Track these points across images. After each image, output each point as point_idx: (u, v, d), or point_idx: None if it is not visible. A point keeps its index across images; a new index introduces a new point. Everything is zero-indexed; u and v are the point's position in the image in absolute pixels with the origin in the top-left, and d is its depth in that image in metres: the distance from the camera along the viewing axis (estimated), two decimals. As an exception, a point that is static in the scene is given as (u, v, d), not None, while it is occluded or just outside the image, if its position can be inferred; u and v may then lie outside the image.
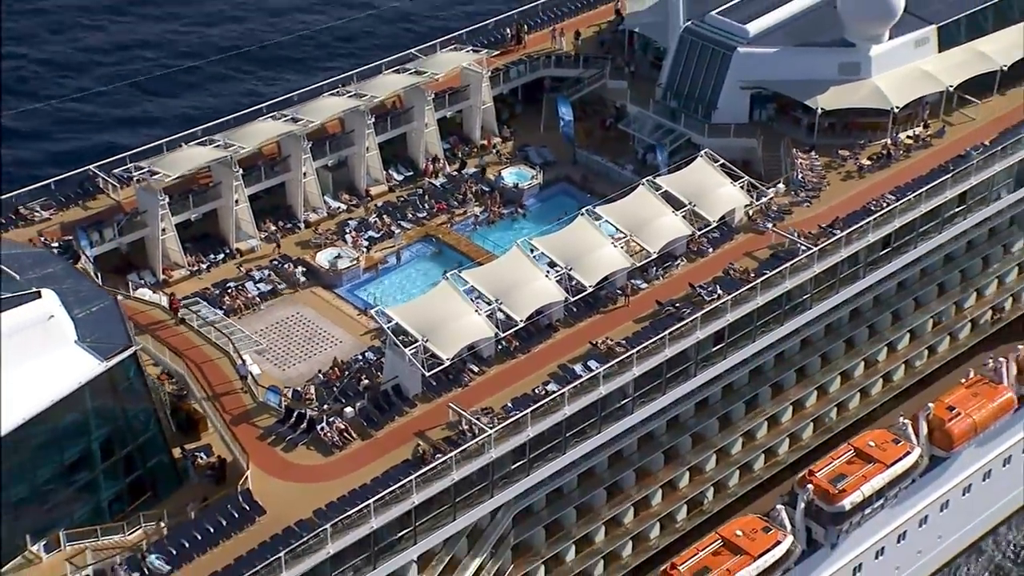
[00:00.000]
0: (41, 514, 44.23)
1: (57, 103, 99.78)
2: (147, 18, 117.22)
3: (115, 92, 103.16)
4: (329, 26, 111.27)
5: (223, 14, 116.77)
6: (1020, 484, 74.66)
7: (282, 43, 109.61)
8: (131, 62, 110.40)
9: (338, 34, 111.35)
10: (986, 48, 69.27)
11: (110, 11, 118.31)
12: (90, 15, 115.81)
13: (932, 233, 62.54)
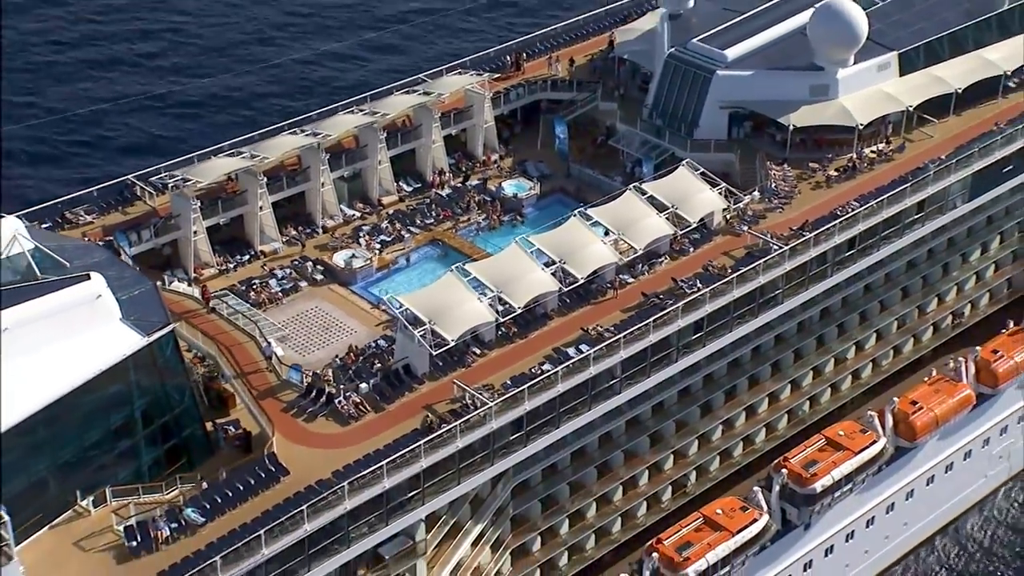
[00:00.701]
0: (89, 473, 46.34)
1: (97, 116, 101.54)
2: (182, 41, 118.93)
3: (151, 107, 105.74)
4: (346, 50, 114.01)
5: (251, 37, 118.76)
6: (980, 478, 75.99)
7: (304, 64, 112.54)
8: (163, 79, 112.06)
9: (354, 57, 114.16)
10: (942, 73, 70.91)
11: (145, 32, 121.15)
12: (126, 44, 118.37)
13: (893, 237, 64.43)
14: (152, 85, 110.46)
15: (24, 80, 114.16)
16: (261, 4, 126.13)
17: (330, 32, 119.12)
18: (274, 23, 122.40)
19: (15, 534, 42.08)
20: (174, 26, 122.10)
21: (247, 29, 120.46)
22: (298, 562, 45.72)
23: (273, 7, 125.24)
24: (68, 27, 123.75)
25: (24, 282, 47.35)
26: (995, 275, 75.48)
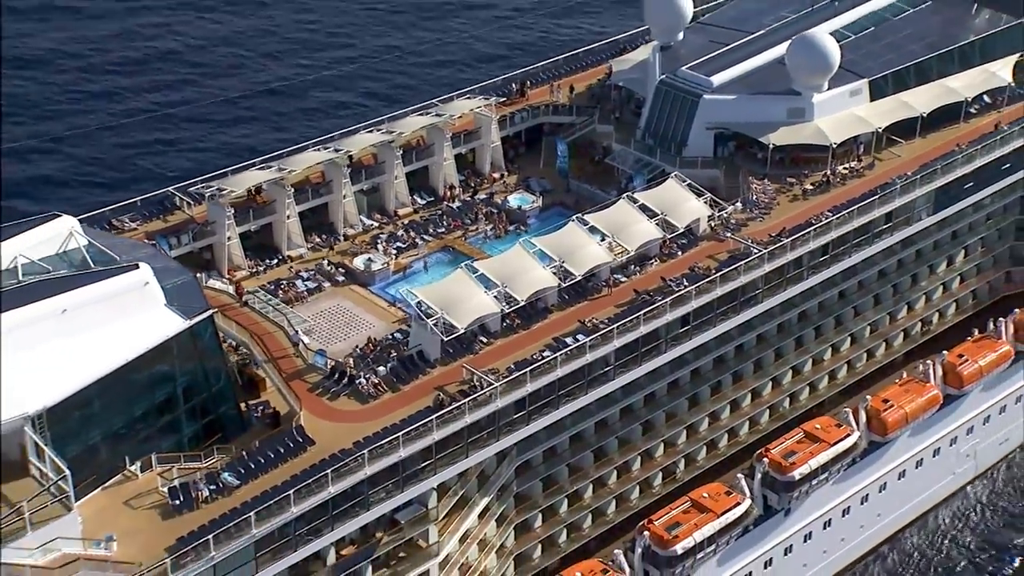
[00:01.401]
0: (137, 442, 48.22)
1: (141, 133, 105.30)
2: (211, 64, 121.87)
3: (188, 124, 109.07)
4: (367, 75, 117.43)
5: (278, 63, 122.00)
6: (949, 475, 77.57)
7: (329, 86, 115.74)
8: (201, 94, 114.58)
9: (374, 82, 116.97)
10: (909, 99, 72.42)
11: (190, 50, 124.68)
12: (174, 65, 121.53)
13: (864, 245, 66.20)
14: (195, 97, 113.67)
15: (76, 90, 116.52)
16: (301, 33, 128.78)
17: (351, 58, 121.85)
18: (310, 47, 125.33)
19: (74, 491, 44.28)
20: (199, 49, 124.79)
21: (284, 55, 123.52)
22: (323, 521, 47.78)
23: (310, 34, 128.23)
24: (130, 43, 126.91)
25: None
26: (961, 286, 77.09)
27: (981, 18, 78.15)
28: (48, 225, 51.76)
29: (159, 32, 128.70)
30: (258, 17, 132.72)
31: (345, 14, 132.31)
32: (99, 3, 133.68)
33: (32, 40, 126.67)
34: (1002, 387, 77.71)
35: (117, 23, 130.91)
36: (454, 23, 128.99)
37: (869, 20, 76.44)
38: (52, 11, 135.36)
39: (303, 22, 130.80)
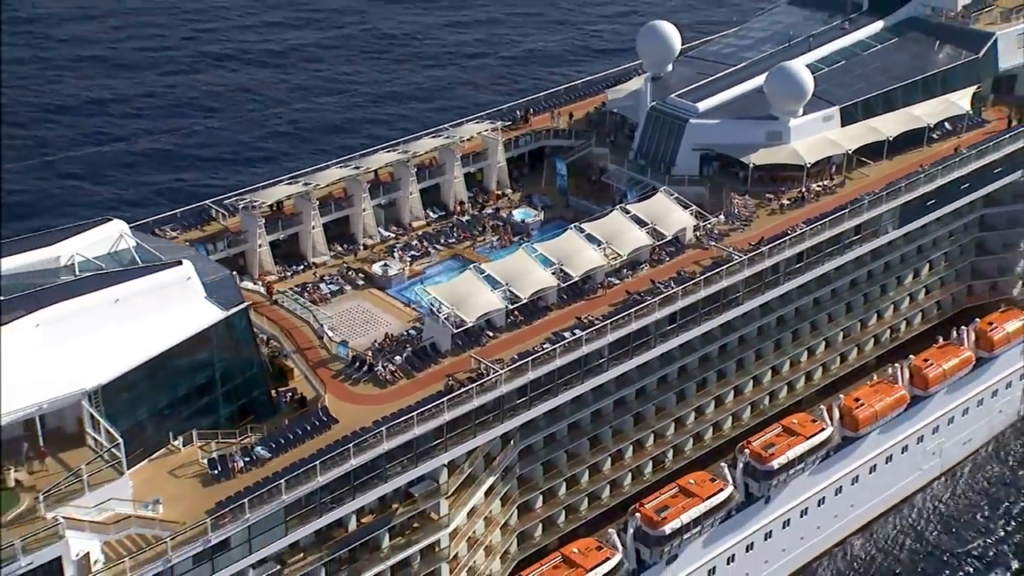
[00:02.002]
0: (179, 420, 50.01)
1: (181, 149, 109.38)
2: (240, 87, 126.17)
3: (222, 142, 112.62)
4: (385, 101, 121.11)
5: (304, 91, 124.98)
6: (916, 470, 79.07)
7: (350, 111, 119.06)
8: (234, 111, 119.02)
9: (393, 107, 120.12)
10: (877, 125, 73.80)
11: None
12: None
13: (836, 255, 67.64)
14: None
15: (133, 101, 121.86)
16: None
17: (371, 84, 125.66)
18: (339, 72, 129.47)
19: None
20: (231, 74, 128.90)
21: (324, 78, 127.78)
22: (345, 491, 49.72)
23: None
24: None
25: (129, 268, 51.70)
26: (926, 298, 78.56)
27: (942, 53, 79.44)
28: (101, 228, 54.05)
29: (200, 63, 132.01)
30: (291, 51, 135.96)
31: (367, 49, 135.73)
32: (139, 43, 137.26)
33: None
34: (964, 390, 79.09)
35: (159, 54, 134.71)
36: (467, 59, 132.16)
37: (841, 55, 77.97)
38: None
39: (328, 51, 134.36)
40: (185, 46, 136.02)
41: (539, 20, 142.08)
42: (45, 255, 51.70)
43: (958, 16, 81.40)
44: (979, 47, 79.03)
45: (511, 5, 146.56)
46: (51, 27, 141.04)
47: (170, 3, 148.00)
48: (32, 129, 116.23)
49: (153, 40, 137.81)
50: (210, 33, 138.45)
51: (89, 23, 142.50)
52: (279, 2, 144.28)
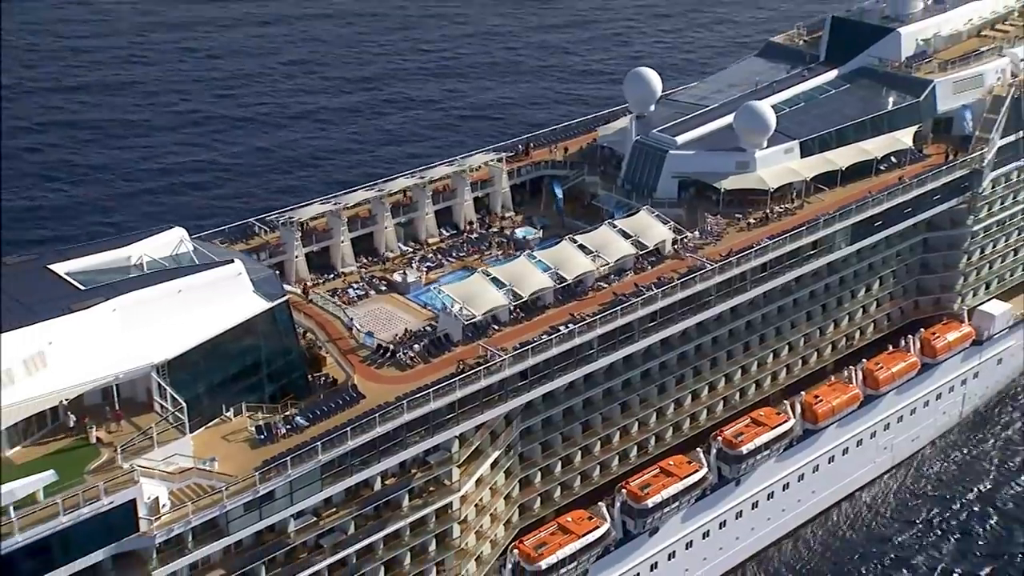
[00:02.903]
0: (230, 395, 52.43)
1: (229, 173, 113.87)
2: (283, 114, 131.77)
3: (261, 165, 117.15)
4: (406, 133, 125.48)
5: (333, 125, 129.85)
6: (870, 463, 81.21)
7: (375, 142, 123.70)
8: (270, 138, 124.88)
9: (412, 139, 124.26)
10: (832, 156, 75.68)
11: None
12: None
13: (795, 266, 69.90)
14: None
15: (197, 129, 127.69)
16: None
17: (394, 118, 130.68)
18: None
19: (188, 426, 49.12)
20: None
21: None
22: (371, 455, 52.63)
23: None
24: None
25: (188, 267, 54.86)
26: (877, 310, 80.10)
27: (888, 97, 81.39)
28: (164, 234, 56.76)
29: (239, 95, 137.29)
30: (324, 86, 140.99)
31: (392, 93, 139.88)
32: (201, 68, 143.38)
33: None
34: (912, 392, 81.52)
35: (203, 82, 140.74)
36: (475, 101, 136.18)
37: (801, 97, 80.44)
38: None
39: (357, 83, 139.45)
40: (241, 83, 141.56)
41: (539, 68, 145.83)
42: (118, 255, 54.69)
43: (902, 66, 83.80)
44: (919, 92, 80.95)
45: (519, 58, 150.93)
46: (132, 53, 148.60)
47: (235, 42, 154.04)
48: (105, 147, 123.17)
49: (215, 71, 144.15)
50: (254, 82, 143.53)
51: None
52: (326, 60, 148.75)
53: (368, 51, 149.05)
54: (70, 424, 48.47)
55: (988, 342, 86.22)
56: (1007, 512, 79.74)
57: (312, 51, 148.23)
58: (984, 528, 78.52)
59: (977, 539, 77.70)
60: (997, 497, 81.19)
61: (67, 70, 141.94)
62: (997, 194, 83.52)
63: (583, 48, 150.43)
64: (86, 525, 44.36)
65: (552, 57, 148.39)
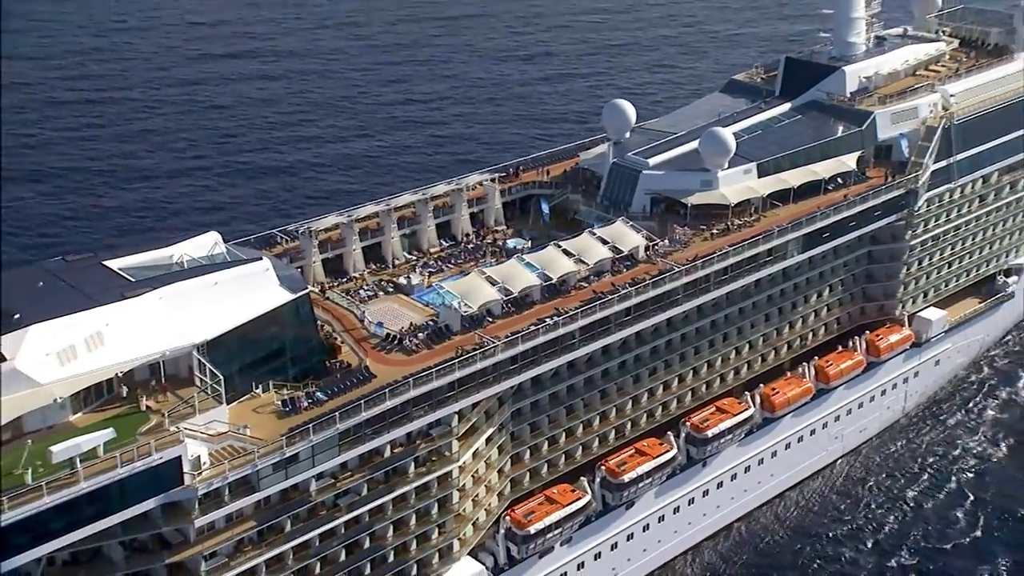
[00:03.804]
0: (259, 374, 55.43)
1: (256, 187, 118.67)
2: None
3: (289, 182, 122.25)
4: (412, 154, 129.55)
5: (348, 142, 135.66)
6: (822, 451, 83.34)
7: (384, 161, 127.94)
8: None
9: (416, 160, 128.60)
10: (785, 177, 77.74)
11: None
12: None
13: (753, 271, 72.35)
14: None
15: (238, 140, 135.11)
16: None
17: (403, 139, 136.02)
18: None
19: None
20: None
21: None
22: (382, 426, 55.48)
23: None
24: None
25: (222, 265, 57.76)
26: (828, 314, 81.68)
27: (834, 127, 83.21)
28: (201, 237, 60.19)
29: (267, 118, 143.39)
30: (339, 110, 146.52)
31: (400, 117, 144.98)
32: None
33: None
34: (859, 388, 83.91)
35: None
36: (474, 128, 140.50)
37: (758, 126, 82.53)
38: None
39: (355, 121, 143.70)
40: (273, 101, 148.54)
41: (529, 104, 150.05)
42: (162, 254, 58.09)
43: (847, 100, 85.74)
44: (862, 122, 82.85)
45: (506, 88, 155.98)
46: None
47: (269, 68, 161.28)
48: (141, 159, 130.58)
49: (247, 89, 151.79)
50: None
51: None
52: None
53: (382, 88, 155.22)
54: (123, 394, 51.56)
55: (926, 345, 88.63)
56: (942, 498, 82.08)
57: (343, 92, 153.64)
58: (921, 508, 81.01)
59: (917, 519, 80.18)
60: (935, 485, 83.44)
61: (120, 83, 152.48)
62: (932, 212, 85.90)
63: (566, 88, 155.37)
64: (139, 477, 47.40)
65: (540, 95, 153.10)
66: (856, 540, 78.10)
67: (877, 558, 76.49)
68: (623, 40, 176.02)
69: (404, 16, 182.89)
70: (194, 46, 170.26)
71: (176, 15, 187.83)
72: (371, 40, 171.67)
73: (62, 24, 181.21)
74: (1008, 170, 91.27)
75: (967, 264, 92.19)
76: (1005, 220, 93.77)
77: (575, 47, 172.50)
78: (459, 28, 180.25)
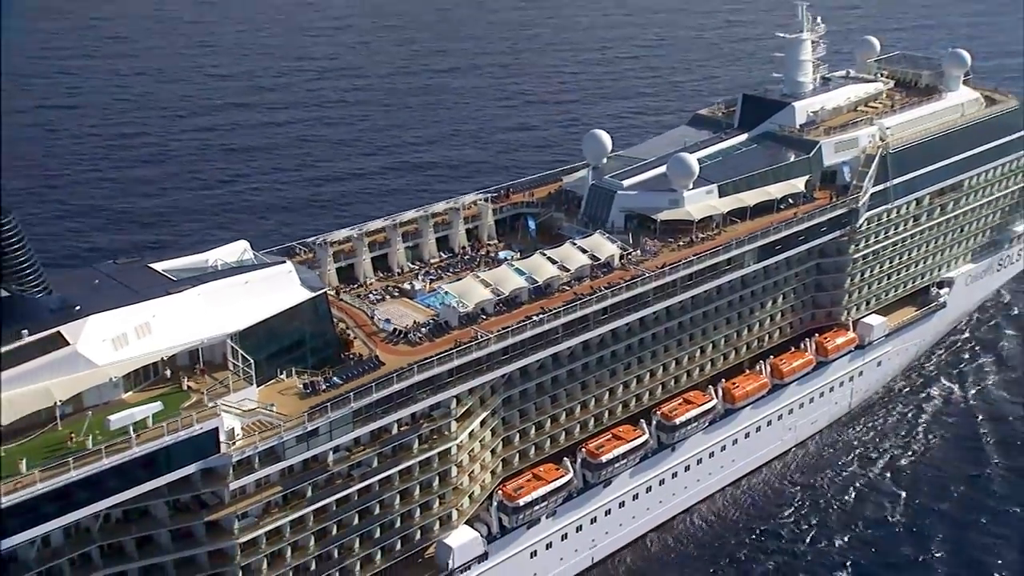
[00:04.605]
0: (282, 362, 57.72)
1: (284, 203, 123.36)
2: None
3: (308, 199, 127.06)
4: (414, 176, 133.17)
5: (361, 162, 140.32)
6: (778, 440, 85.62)
7: (390, 182, 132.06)
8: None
9: (417, 183, 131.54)
10: (742, 197, 79.96)
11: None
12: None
13: (714, 278, 74.70)
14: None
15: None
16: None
17: (407, 161, 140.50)
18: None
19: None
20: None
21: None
22: (391, 406, 58.04)
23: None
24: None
25: (251, 268, 60.23)
26: (782, 318, 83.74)
27: (786, 154, 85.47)
28: (232, 244, 62.41)
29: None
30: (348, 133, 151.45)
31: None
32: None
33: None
34: (809, 384, 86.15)
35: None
36: (470, 155, 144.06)
37: (719, 154, 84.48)
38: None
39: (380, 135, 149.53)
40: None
41: (519, 135, 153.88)
42: (199, 259, 60.56)
43: (796, 131, 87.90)
44: (810, 151, 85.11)
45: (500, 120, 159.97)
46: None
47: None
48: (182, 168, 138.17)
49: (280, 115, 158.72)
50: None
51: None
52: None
53: (390, 123, 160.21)
54: (167, 375, 54.20)
55: (869, 347, 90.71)
56: (883, 483, 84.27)
57: (360, 129, 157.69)
58: (861, 492, 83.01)
59: (858, 500, 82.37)
60: (878, 470, 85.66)
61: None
62: (871, 230, 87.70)
63: (551, 121, 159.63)
64: (182, 445, 50.15)
65: (528, 128, 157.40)
66: (802, 522, 79.89)
67: (821, 536, 78.26)
68: (602, 82, 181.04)
69: (401, 68, 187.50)
70: (217, 89, 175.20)
71: (229, 40, 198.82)
72: (372, 90, 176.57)
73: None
74: (939, 193, 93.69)
75: (904, 276, 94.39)
76: (937, 238, 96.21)
77: (558, 89, 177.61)
78: (460, 74, 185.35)
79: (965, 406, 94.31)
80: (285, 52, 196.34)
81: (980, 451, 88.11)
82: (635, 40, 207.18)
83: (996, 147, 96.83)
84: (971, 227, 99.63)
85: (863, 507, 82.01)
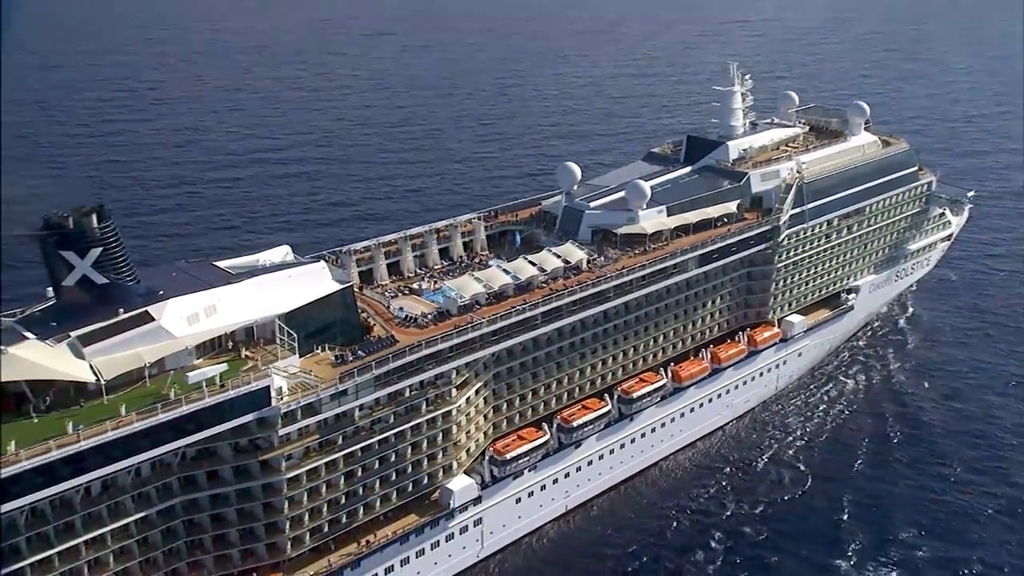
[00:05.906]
0: (319, 339, 62.21)
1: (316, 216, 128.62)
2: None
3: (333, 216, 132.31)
4: (419, 201, 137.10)
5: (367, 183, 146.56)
6: (717, 415, 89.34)
7: (399, 204, 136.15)
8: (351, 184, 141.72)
9: (423, 205, 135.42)
10: (687, 216, 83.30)
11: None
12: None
13: (663, 279, 78.74)
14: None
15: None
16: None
17: (415, 186, 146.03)
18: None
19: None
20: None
21: None
22: (404, 374, 62.45)
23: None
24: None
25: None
26: (720, 315, 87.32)
27: (722, 182, 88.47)
28: (276, 249, 67.41)
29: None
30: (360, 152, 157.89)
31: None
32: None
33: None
34: (742, 369, 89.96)
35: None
36: (465, 184, 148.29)
37: (668, 182, 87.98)
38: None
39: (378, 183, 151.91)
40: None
41: (507, 168, 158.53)
42: (251, 259, 65.66)
43: (730, 165, 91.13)
44: (740, 180, 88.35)
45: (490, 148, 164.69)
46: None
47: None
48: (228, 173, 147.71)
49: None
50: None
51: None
52: None
53: (398, 156, 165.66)
54: (229, 347, 59.08)
55: (791, 341, 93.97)
56: (802, 450, 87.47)
57: (383, 157, 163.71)
58: (783, 458, 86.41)
59: (780, 465, 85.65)
60: (799, 441, 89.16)
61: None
62: (791, 244, 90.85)
63: (531, 157, 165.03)
64: (242, 398, 55.00)
65: (512, 162, 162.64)
66: (735, 478, 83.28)
67: (744, 496, 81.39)
68: (573, 126, 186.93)
69: (406, 118, 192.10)
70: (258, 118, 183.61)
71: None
72: (381, 132, 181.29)
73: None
74: (845, 217, 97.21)
75: (819, 283, 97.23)
76: (845, 252, 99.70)
77: (537, 131, 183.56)
78: (458, 121, 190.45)
79: (870, 388, 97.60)
80: (345, 107, 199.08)
81: (883, 423, 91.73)
82: (602, 94, 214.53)
83: (891, 180, 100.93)
84: (873, 244, 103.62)
85: (784, 470, 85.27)
